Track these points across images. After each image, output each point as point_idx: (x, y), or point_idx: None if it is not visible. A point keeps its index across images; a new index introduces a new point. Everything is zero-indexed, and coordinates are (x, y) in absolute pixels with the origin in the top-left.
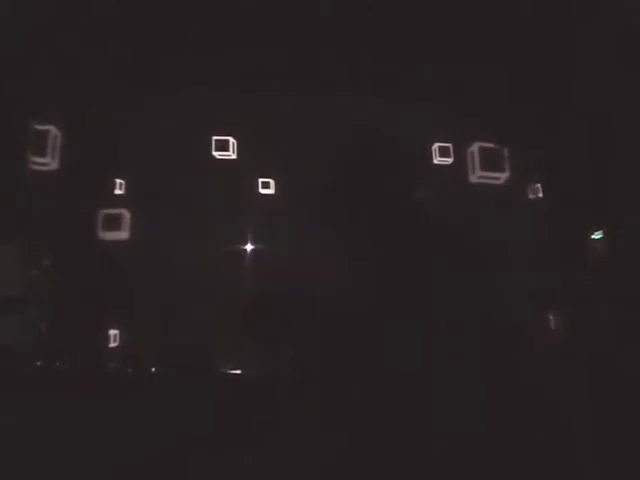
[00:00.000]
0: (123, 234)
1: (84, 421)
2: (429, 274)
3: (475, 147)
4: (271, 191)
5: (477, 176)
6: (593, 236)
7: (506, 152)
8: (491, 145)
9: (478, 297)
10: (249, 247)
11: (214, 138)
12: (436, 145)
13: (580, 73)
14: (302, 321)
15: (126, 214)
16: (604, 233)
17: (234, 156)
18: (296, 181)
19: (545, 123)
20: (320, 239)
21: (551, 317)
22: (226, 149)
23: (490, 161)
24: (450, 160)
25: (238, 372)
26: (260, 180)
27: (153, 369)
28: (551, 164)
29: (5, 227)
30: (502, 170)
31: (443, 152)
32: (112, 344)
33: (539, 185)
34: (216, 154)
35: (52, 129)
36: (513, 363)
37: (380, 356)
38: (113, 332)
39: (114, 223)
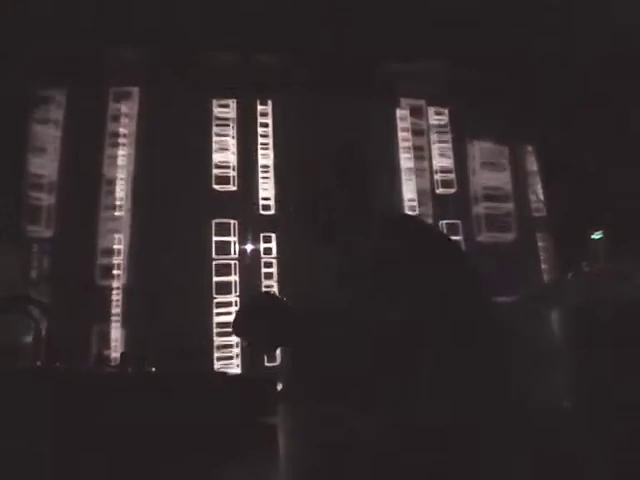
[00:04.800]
0: (123, 238)
1: (83, 421)
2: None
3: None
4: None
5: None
6: (593, 236)
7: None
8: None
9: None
10: (248, 249)
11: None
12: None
13: (579, 75)
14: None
15: (126, 219)
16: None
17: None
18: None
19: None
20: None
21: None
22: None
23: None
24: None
25: (237, 372)
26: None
27: (153, 369)
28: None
29: (5, 227)
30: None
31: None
32: (112, 345)
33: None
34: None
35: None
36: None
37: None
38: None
39: (113, 228)
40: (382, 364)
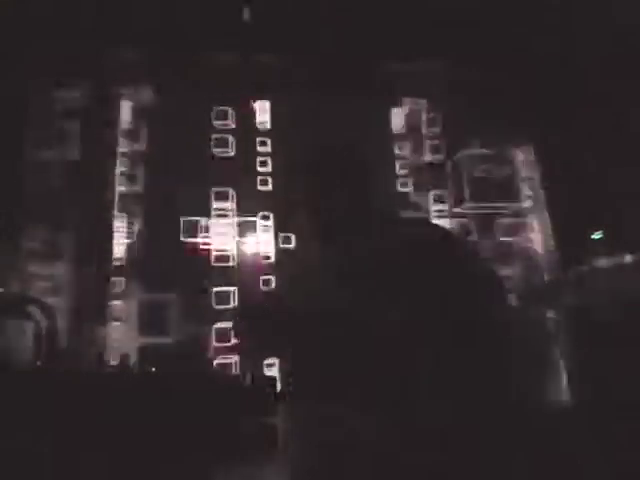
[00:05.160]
0: (124, 237)
1: (84, 421)
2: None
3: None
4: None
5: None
6: (593, 236)
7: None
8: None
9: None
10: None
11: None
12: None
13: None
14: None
15: (125, 221)
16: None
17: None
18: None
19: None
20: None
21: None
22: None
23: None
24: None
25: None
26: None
27: (153, 369)
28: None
29: (5, 227)
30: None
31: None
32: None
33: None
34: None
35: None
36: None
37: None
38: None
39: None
40: (382, 364)
